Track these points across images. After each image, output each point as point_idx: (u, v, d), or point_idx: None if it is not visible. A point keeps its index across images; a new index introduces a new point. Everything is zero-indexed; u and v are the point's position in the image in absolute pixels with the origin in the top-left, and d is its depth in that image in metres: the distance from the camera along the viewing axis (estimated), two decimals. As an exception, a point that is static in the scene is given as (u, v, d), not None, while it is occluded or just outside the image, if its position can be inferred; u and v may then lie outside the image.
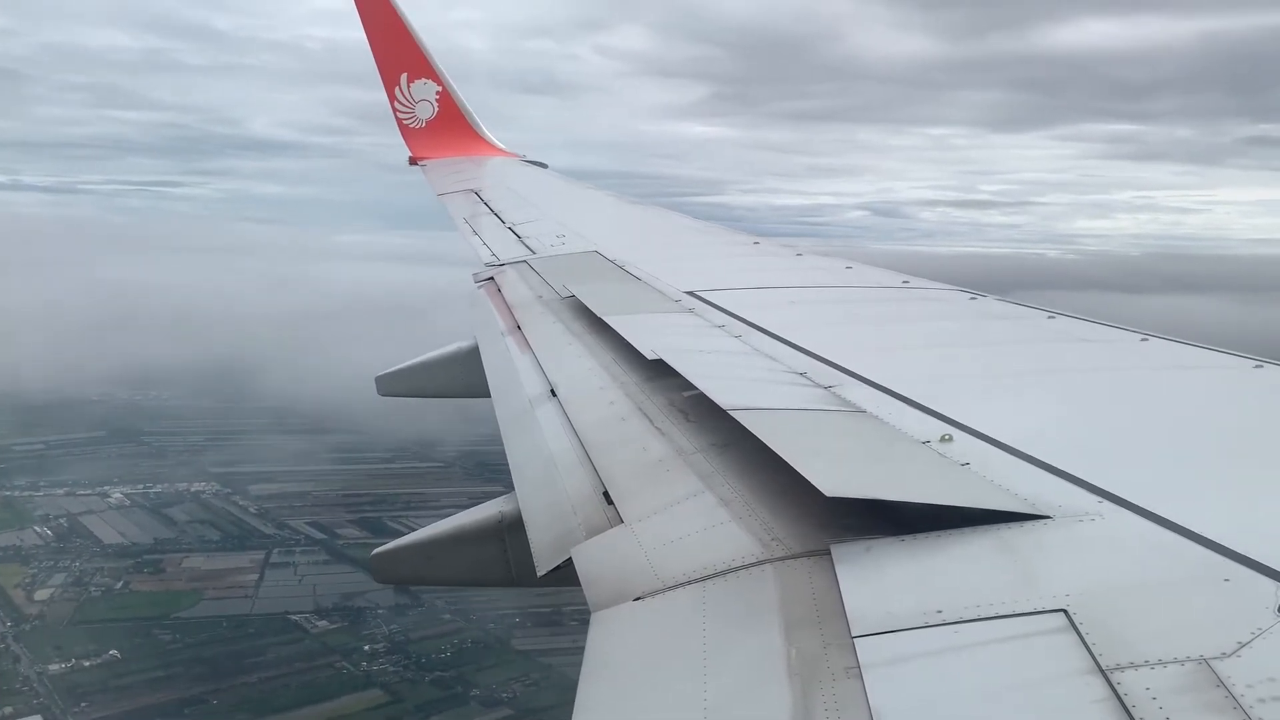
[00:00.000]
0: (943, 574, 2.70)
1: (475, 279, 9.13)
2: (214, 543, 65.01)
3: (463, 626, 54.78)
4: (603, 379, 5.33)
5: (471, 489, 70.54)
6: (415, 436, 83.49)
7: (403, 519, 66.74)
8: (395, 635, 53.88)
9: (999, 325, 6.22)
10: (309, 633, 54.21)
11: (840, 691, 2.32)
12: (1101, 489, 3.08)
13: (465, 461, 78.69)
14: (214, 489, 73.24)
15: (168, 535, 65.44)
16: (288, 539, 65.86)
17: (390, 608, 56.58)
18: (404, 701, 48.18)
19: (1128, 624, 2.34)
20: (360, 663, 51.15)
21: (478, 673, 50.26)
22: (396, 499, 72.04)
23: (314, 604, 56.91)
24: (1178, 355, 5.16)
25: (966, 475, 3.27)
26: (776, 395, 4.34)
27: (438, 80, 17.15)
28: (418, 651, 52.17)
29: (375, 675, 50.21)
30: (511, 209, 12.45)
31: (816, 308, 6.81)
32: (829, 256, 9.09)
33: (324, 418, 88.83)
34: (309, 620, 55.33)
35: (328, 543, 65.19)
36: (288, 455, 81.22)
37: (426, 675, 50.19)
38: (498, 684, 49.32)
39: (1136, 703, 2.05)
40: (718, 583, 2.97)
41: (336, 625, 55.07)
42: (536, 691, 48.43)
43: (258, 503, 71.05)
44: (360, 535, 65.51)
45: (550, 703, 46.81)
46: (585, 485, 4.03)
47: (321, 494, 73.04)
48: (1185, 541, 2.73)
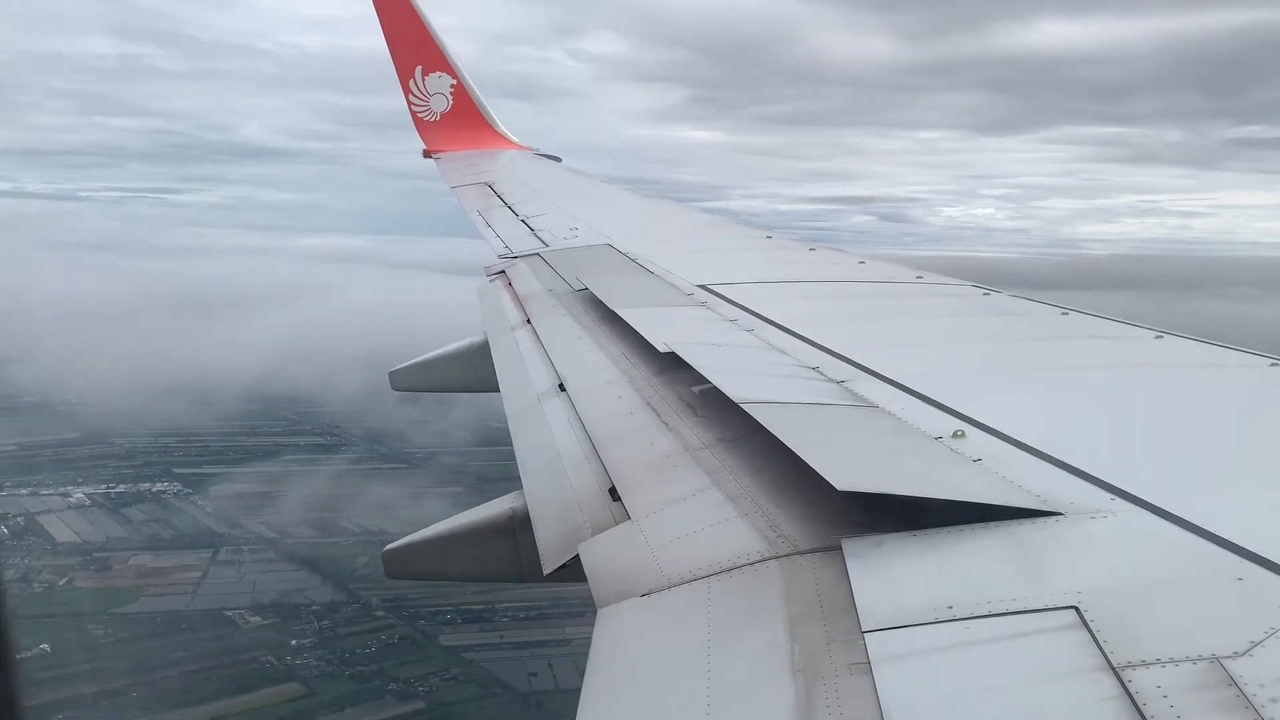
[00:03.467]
0: (954, 570, 2.69)
1: (487, 272, 9.13)
2: (165, 541, 65.16)
3: (394, 623, 55.42)
4: (612, 373, 5.33)
5: (434, 490, 71.28)
6: (387, 438, 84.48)
7: (356, 519, 67.85)
8: (324, 631, 54.54)
9: (1012, 321, 6.18)
10: (240, 628, 54.73)
11: (843, 687, 2.31)
12: (1114, 486, 3.06)
13: (431, 463, 79.35)
14: (175, 489, 73.39)
15: (121, 534, 65.69)
16: (238, 538, 66.18)
17: (325, 604, 57.35)
18: (319, 695, 48.75)
19: (1139, 622, 2.32)
20: (285, 657, 51.67)
21: (399, 667, 50.76)
22: (353, 500, 72.39)
23: (251, 600, 57.42)
24: (1192, 353, 5.12)
25: (979, 471, 3.26)
26: (789, 390, 4.32)
27: (452, 74, 17.16)
28: (344, 647, 52.78)
29: (296, 669, 50.72)
30: (525, 202, 12.45)
31: (829, 303, 6.78)
32: (842, 251, 9.06)
33: (297, 419, 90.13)
34: (243, 616, 55.80)
35: (277, 541, 65.70)
36: (255, 456, 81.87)
37: (347, 670, 50.81)
38: (416, 678, 49.92)
39: (1148, 701, 2.04)
40: (723, 579, 2.97)
41: (269, 621, 55.57)
42: (454, 686, 49.19)
43: (216, 502, 71.34)
44: (311, 535, 66.23)
45: (466, 696, 47.78)
46: (592, 481, 4.03)
47: (280, 494, 73.33)
48: (1198, 540, 2.71)
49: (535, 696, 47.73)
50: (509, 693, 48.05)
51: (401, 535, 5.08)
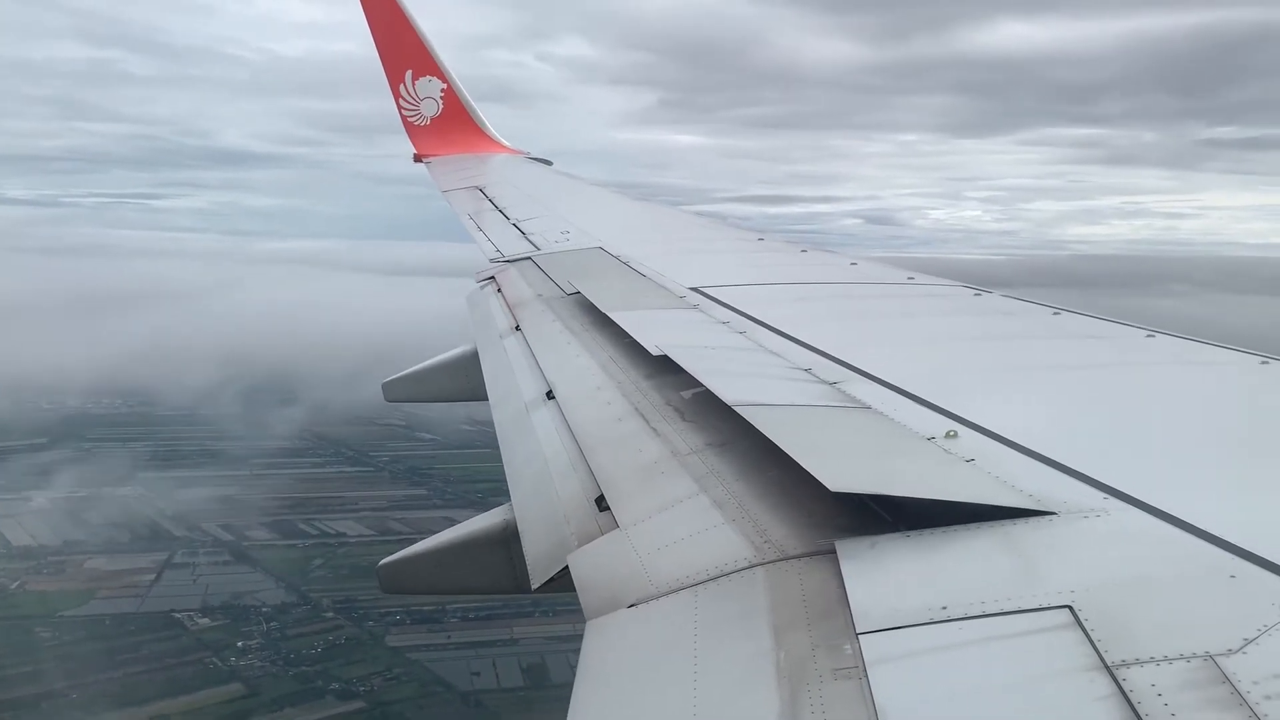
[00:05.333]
0: (948, 570, 2.68)
1: (478, 277, 9.11)
2: (122, 544, 65.51)
3: (342, 624, 55.88)
4: (600, 379, 5.30)
5: (393, 492, 72.72)
6: (352, 443, 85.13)
7: (315, 522, 68.45)
8: (272, 632, 54.91)
9: (1004, 321, 6.20)
10: (188, 630, 55.09)
11: (828, 693, 2.30)
12: (1107, 485, 3.06)
13: (395, 466, 80.00)
14: (138, 493, 73.72)
15: (78, 537, 65.95)
16: (196, 540, 66.55)
17: (276, 606, 57.69)
18: (260, 695, 49.04)
19: (1133, 620, 2.32)
20: (230, 658, 52.04)
21: (343, 668, 51.21)
22: (314, 503, 72.94)
23: (202, 602, 57.79)
24: (1184, 351, 5.13)
25: (972, 471, 3.25)
26: (781, 391, 4.32)
27: (443, 78, 17.14)
28: (290, 648, 53.18)
29: (240, 670, 51.08)
30: (516, 205, 12.44)
31: (821, 304, 6.78)
32: (833, 253, 9.07)
33: (266, 424, 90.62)
34: (191, 618, 56.22)
35: (233, 544, 66.13)
36: (221, 460, 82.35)
37: (290, 670, 51.18)
38: (358, 678, 50.35)
39: (1142, 699, 2.03)
40: (710, 587, 2.95)
41: (218, 623, 55.96)
42: (396, 685, 49.64)
43: (177, 506, 71.68)
44: (268, 538, 66.71)
45: (406, 695, 48.27)
46: (580, 491, 4.01)
47: (243, 498, 73.76)
48: (1191, 538, 2.70)
49: (475, 695, 48.10)
50: (449, 691, 48.48)
51: (359, 538, 5.03)
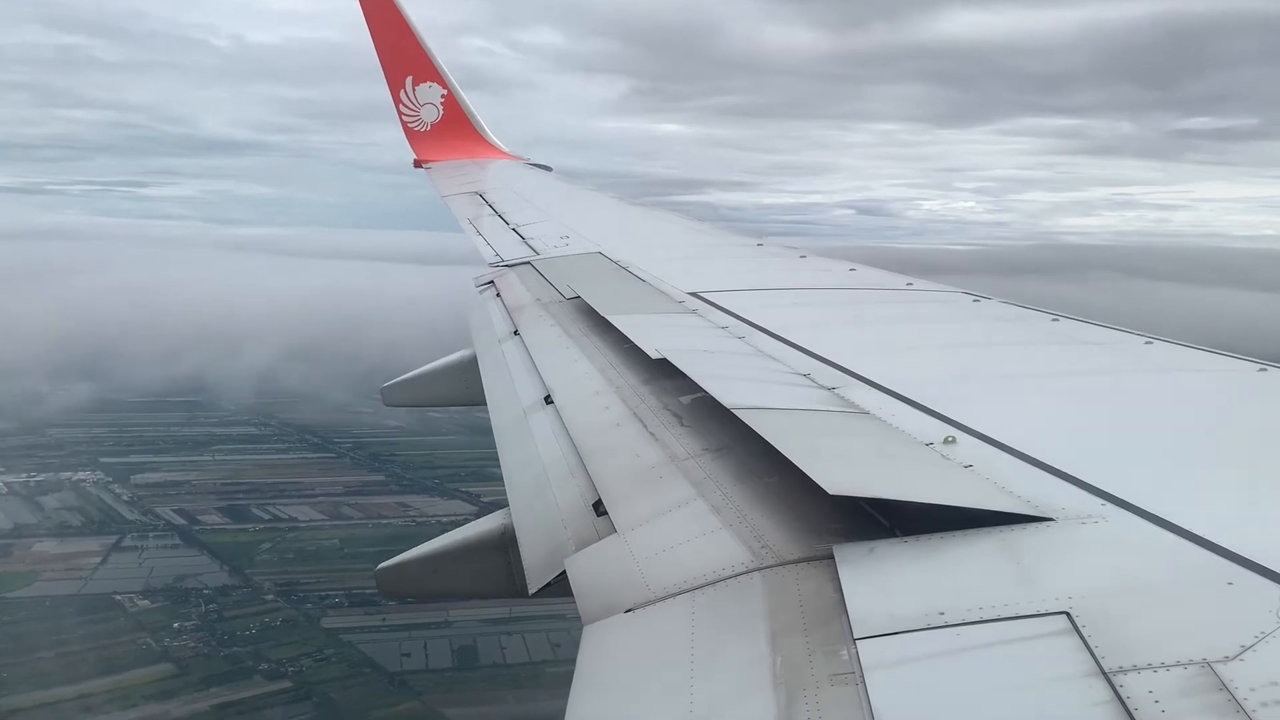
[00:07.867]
0: (946, 576, 2.69)
1: (477, 282, 9.12)
2: (73, 528, 65.50)
3: (280, 607, 55.98)
4: (599, 383, 5.31)
5: (351, 478, 72.98)
6: (317, 428, 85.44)
7: (270, 507, 68.67)
8: (210, 614, 55.01)
9: (1003, 327, 6.20)
10: (127, 612, 55.12)
11: (824, 699, 2.30)
12: (1105, 491, 3.06)
13: (358, 453, 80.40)
14: (96, 478, 73.72)
15: (31, 521, 66.09)
16: (147, 525, 66.61)
17: (217, 588, 57.80)
18: (189, 675, 49.17)
19: (1130, 627, 2.33)
20: (164, 639, 52.11)
21: (274, 649, 51.33)
22: (271, 488, 72.94)
23: (144, 585, 57.75)
24: (1181, 358, 5.14)
25: (970, 477, 3.26)
26: (780, 396, 4.32)
27: (443, 83, 17.17)
28: (225, 629, 53.33)
29: (172, 650, 51.13)
30: (516, 210, 12.46)
31: (820, 309, 6.79)
32: (832, 258, 9.09)
33: (233, 411, 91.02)
34: (131, 600, 56.22)
35: (184, 529, 66.26)
36: (183, 445, 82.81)
37: (223, 650, 51.27)
38: (288, 659, 50.49)
39: (1139, 705, 2.04)
40: (707, 592, 2.94)
41: (157, 605, 56.00)
42: (325, 666, 49.92)
43: (134, 490, 71.79)
44: (220, 522, 66.94)
45: (333, 676, 48.57)
46: (578, 495, 4.01)
47: (201, 482, 73.93)
48: (1188, 544, 2.71)
49: (402, 676, 48.42)
50: (377, 672, 48.79)
51: (309, 523, 5.00)
